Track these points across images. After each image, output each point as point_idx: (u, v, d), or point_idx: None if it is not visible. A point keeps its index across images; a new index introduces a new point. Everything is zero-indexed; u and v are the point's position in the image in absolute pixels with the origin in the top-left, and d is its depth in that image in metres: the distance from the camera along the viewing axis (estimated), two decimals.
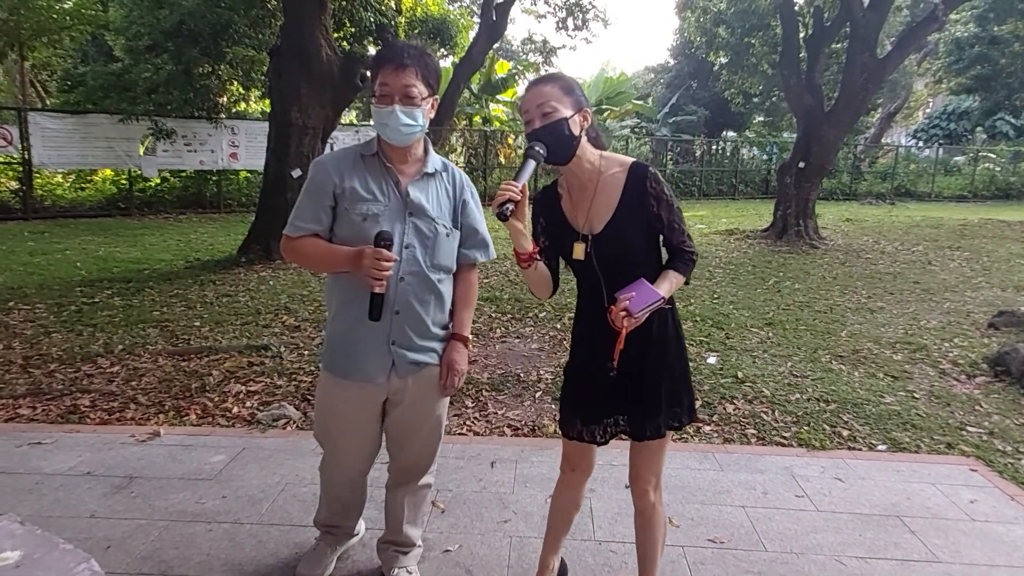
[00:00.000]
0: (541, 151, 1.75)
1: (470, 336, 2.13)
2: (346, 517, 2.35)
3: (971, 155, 24.18)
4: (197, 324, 5.43)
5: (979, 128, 26.84)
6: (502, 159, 18.77)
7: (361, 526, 2.48)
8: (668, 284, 1.82)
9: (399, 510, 2.25)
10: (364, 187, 1.91)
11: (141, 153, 12.32)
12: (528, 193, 1.74)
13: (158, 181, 13.13)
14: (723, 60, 17.33)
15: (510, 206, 1.66)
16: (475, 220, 2.12)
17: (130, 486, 2.93)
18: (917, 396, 4.34)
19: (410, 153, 1.96)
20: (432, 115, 1.96)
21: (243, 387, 4.12)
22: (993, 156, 24.10)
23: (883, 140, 26.32)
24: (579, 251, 1.83)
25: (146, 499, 2.83)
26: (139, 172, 12.59)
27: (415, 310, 1.95)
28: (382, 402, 2.05)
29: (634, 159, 1.88)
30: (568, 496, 2.15)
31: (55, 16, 10.98)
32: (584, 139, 1.83)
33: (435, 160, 2.02)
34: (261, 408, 3.82)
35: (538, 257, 1.83)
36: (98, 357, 4.59)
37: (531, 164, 1.73)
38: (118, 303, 5.99)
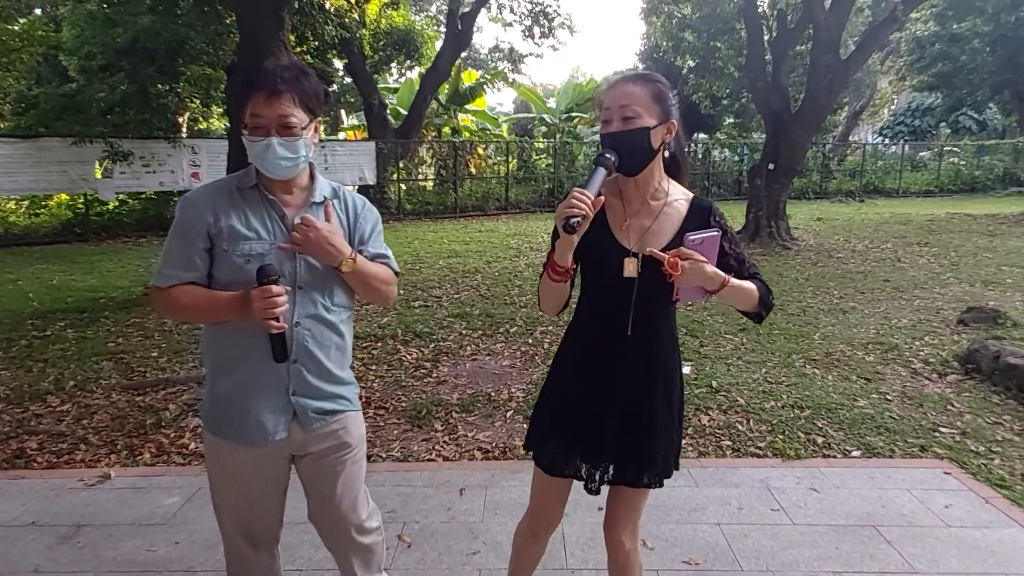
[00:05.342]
0: (612, 159, 1.61)
1: (357, 260, 1.73)
2: None
3: (936, 151, 24.71)
4: (155, 355, 5.24)
5: (943, 124, 27.47)
6: (472, 169, 18.69)
7: None
8: (743, 283, 1.66)
9: (350, 569, 2.03)
10: (245, 224, 1.70)
11: (98, 176, 12.00)
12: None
13: (116, 204, 12.81)
14: (690, 64, 17.46)
15: (579, 220, 1.50)
16: (371, 245, 1.86)
17: (77, 535, 2.79)
18: (890, 398, 4.33)
19: (295, 183, 1.77)
20: (316, 139, 1.78)
21: (201, 421, 3.96)
22: (958, 151, 24.68)
23: (850, 138, 26.77)
24: (631, 268, 1.68)
25: (93, 549, 2.70)
26: (95, 196, 12.27)
27: (315, 355, 1.76)
28: (288, 460, 1.85)
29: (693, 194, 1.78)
30: (534, 551, 2.05)
31: (4, 38, 10.69)
32: (661, 155, 1.70)
33: (323, 186, 1.82)
34: None
35: (573, 273, 1.70)
36: (48, 395, 4.40)
37: (601, 173, 1.58)
38: (71, 335, 5.77)
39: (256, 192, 1.74)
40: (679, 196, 1.75)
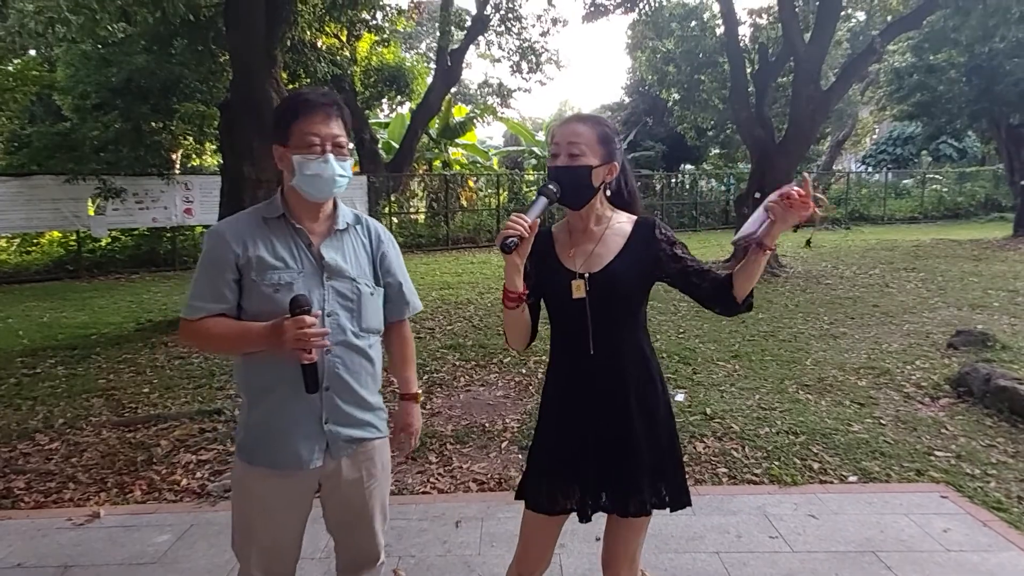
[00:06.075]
0: (555, 190, 1.71)
1: (419, 391, 1.97)
2: None
3: (919, 178, 25.14)
4: (146, 391, 5.18)
5: (924, 152, 27.97)
6: (464, 202, 18.83)
7: None
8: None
9: None
10: (272, 254, 1.72)
11: (91, 213, 12.02)
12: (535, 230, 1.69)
13: (108, 241, 12.79)
14: (675, 96, 17.78)
15: (515, 240, 1.60)
16: (397, 273, 1.94)
17: None
18: (884, 422, 4.33)
19: (321, 210, 1.80)
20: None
21: (193, 456, 3.91)
22: (939, 178, 25.12)
23: (834, 167, 27.18)
24: (579, 288, 1.76)
25: None
26: (88, 233, 12.25)
27: (346, 383, 1.77)
28: (315, 490, 1.85)
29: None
30: None
31: None
32: (603, 191, 1.81)
33: (346, 214, 1.86)
34: (212, 478, 3.62)
35: (526, 298, 1.74)
36: (36, 433, 4.33)
37: (542, 201, 1.70)
38: (61, 372, 5.71)
39: (282, 222, 1.77)
40: (623, 219, 1.84)
